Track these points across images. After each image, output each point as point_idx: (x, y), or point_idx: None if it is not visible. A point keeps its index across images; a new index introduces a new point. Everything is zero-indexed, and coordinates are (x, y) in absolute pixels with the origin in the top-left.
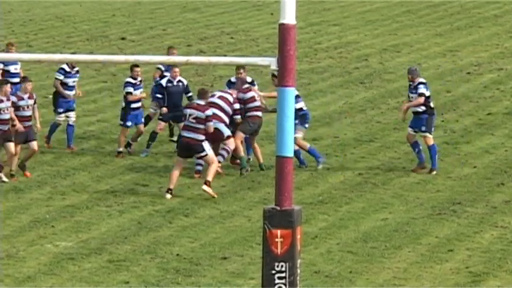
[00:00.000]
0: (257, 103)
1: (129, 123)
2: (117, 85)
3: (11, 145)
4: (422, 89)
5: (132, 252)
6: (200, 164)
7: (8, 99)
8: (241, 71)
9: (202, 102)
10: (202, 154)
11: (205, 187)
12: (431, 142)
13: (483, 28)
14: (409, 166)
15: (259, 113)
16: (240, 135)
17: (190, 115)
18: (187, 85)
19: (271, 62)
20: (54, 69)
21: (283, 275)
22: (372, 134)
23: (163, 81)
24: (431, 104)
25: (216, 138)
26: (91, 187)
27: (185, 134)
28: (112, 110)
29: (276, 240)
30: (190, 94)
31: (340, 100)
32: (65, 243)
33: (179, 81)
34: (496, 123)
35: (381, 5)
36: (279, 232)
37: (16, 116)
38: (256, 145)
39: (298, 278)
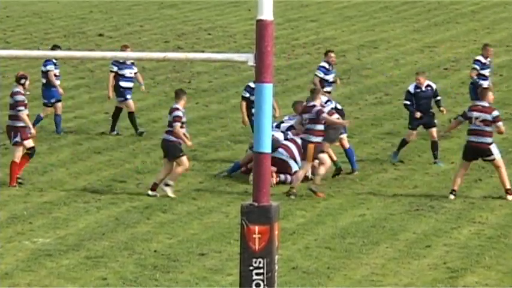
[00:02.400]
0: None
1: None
2: (95, 81)
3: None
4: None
5: (110, 248)
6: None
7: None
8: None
9: (487, 104)
10: (491, 158)
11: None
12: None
13: (460, 24)
14: (387, 162)
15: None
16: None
17: (476, 118)
18: (436, 89)
19: (249, 58)
20: (32, 65)
21: (260, 271)
22: (350, 129)
23: (411, 87)
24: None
25: (282, 170)
26: (69, 183)
27: (473, 139)
28: (89, 107)
29: (254, 236)
30: (438, 98)
31: None
32: (42, 240)
33: (428, 85)
34: None
35: (358, 1)
36: (256, 228)
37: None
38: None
39: (275, 274)
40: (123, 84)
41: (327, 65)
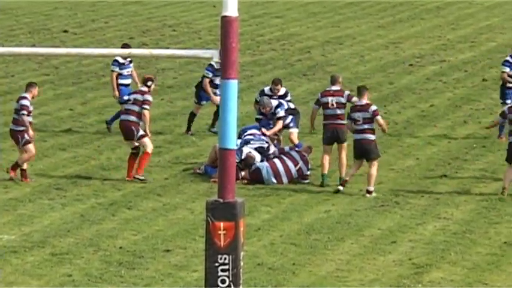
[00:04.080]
0: (331, 111)
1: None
2: (59, 78)
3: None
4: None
5: (75, 245)
6: None
7: None
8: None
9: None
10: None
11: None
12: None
13: (425, 20)
14: (351, 158)
15: (333, 121)
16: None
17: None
18: None
19: (214, 55)
20: None
21: (226, 267)
22: (315, 125)
23: None
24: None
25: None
26: (34, 180)
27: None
28: (54, 103)
29: (219, 232)
30: None
31: None
32: (7, 237)
33: None
34: (438, 115)
35: None
36: (222, 224)
37: None
38: (342, 156)
39: (241, 270)
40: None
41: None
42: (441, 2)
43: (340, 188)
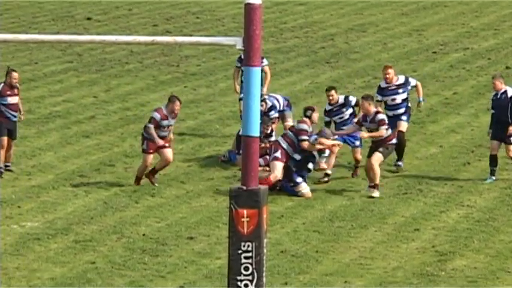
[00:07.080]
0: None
1: None
2: (83, 65)
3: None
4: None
5: (99, 232)
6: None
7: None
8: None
9: None
10: None
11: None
12: None
13: (449, 7)
14: None
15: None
16: None
17: None
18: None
19: (237, 42)
20: (21, 49)
21: (249, 254)
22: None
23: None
24: None
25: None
26: (57, 167)
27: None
28: (78, 90)
29: (242, 219)
30: None
31: (306, 80)
32: (31, 224)
33: (504, 92)
34: (462, 103)
35: None
36: (245, 212)
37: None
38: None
39: (264, 257)
40: None
41: None
42: None
43: None
